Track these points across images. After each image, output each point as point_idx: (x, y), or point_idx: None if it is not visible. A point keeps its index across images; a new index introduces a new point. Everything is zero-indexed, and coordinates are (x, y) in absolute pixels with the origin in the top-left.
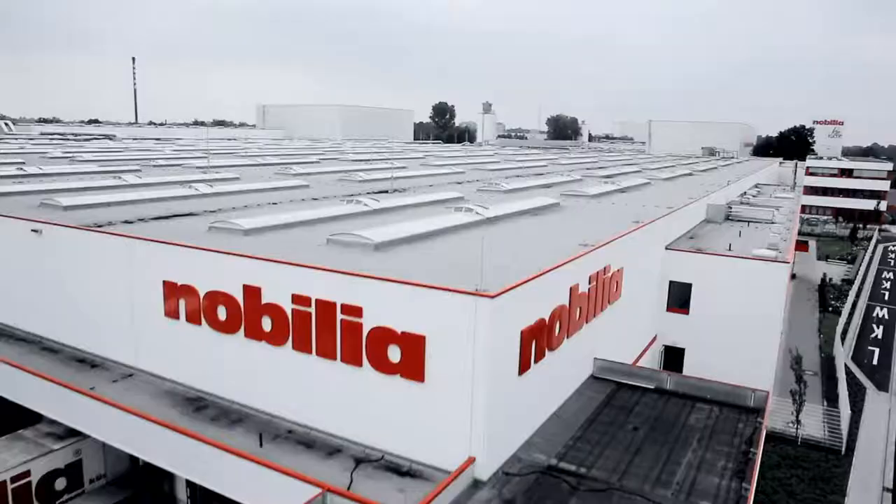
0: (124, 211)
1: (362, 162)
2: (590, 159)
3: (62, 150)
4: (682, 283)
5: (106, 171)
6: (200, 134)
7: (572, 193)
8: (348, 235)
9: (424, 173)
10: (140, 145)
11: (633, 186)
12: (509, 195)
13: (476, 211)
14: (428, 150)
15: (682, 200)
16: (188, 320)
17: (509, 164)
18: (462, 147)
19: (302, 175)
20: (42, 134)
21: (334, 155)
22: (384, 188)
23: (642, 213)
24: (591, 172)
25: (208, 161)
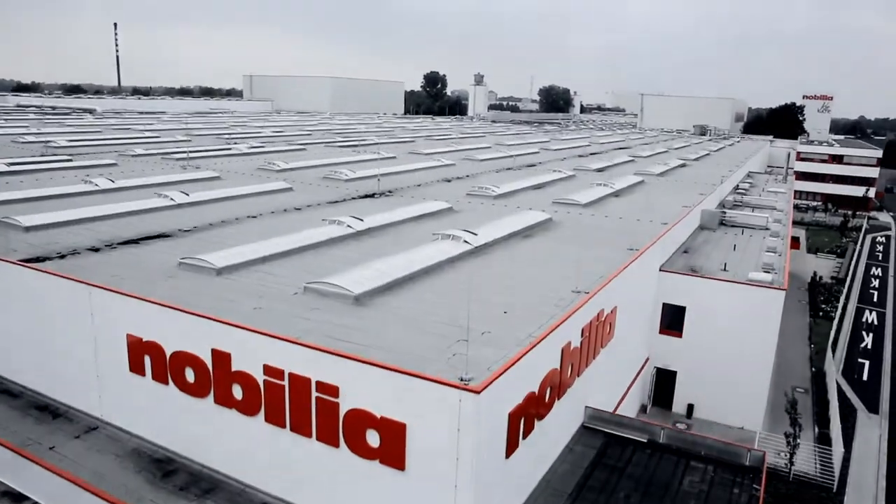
0: (92, 231)
1: (350, 148)
2: (581, 142)
3: (38, 128)
4: (676, 306)
5: (78, 168)
6: (186, 106)
7: (564, 201)
8: (326, 285)
9: (413, 168)
10: (121, 122)
11: (626, 188)
12: (500, 201)
13: (464, 239)
14: (418, 130)
15: (676, 210)
16: (154, 378)
17: (500, 153)
18: (453, 125)
19: (285, 171)
20: (18, 106)
21: (322, 135)
22: (370, 190)
23: (637, 231)
24: (583, 164)
25: (188, 158)
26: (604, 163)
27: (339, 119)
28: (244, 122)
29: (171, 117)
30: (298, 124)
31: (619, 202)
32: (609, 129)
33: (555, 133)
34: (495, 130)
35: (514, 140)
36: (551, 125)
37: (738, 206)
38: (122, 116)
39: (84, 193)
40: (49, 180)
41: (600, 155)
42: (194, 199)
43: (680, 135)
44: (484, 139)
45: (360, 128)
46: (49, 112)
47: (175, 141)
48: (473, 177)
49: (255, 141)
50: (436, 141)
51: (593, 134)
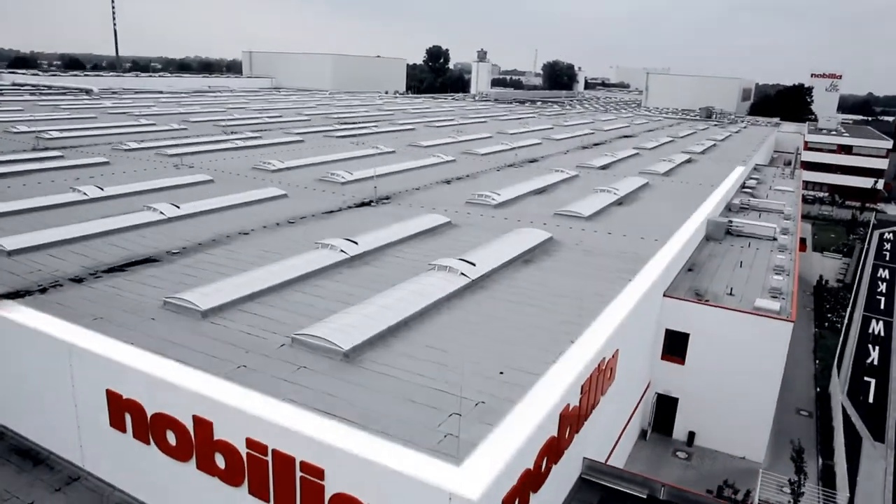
0: (77, 254)
1: (349, 139)
2: (585, 130)
3: (32, 112)
4: (679, 333)
5: (69, 167)
6: (184, 84)
7: (566, 213)
8: (314, 338)
9: (412, 166)
10: (118, 104)
11: (631, 193)
12: (500, 211)
13: (461, 271)
14: (419, 114)
15: (682, 221)
16: (136, 437)
17: (501, 146)
18: (455, 107)
19: (281, 172)
20: (14, 85)
21: (321, 120)
22: (367, 196)
23: (641, 253)
24: (587, 160)
25: (181, 156)
26: (608, 158)
27: (340, 99)
28: (243, 104)
29: (168, 97)
30: (297, 107)
31: (624, 212)
32: (613, 108)
33: (558, 117)
34: (497, 114)
35: (516, 128)
36: (555, 104)
37: (746, 208)
38: (119, 97)
39: (72, 204)
40: (37, 185)
41: (605, 146)
42: (185, 210)
43: (685, 116)
44: (486, 125)
45: (361, 111)
46: (45, 91)
47: (171, 130)
48: (474, 177)
49: (252, 129)
50: (436, 128)
51: (597, 119)
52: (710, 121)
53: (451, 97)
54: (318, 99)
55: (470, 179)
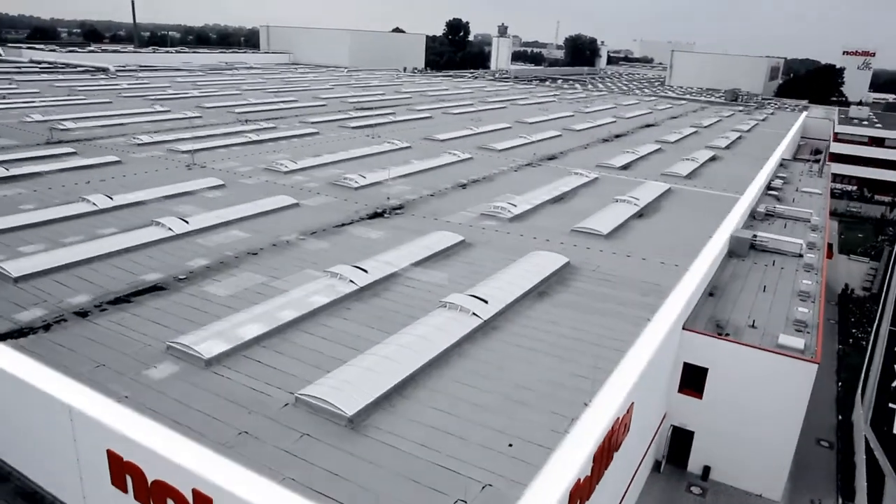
0: (83, 280)
1: (364, 130)
2: (608, 116)
3: (48, 94)
4: (698, 367)
5: (80, 168)
6: (201, 60)
7: (584, 230)
8: (319, 400)
9: (427, 166)
10: (133, 85)
11: (652, 203)
12: (516, 227)
13: (473, 311)
14: (436, 98)
15: (705, 238)
16: (136, 499)
17: (520, 140)
18: (474, 89)
19: (293, 173)
20: (32, 62)
21: (337, 104)
22: (380, 204)
23: (662, 281)
24: (607, 159)
25: (192, 153)
26: (629, 156)
27: (357, 79)
28: (259, 84)
29: (185, 76)
30: (314, 89)
31: (644, 227)
32: (636, 87)
33: (579, 102)
34: (517, 97)
35: (535, 116)
36: (577, 83)
37: (771, 214)
38: (135, 77)
39: (81, 216)
40: (48, 191)
41: (626, 138)
42: (193, 225)
43: (710, 98)
44: (505, 112)
45: (377, 94)
46: (62, 69)
47: (184, 118)
48: (490, 179)
49: (266, 117)
50: (454, 116)
51: (619, 104)
52: (735, 105)
53: (471, 74)
54: (335, 79)
55: (486, 183)
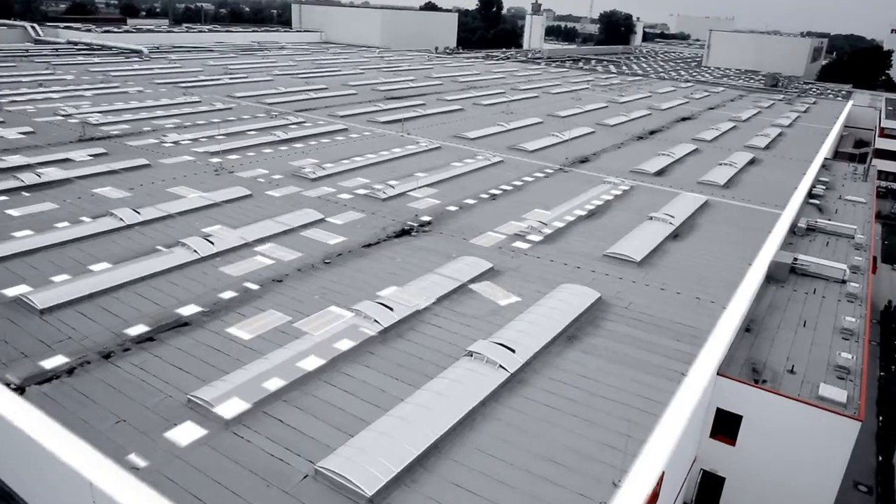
0: (108, 312)
1: (394, 125)
2: (642, 108)
3: (83, 84)
4: (732, 414)
5: (109, 173)
6: (234, 39)
7: (616, 256)
8: (340, 476)
9: (456, 172)
10: (166, 69)
11: (688, 221)
12: (547, 250)
13: (500, 364)
14: (468, 85)
15: (744, 275)
16: None
17: (552, 139)
18: (506, 73)
19: (321, 181)
20: (69, 43)
21: (368, 93)
22: (408, 219)
23: (698, 321)
24: (642, 164)
25: (220, 166)
26: (663, 160)
27: (388, 62)
28: (289, 68)
29: (217, 58)
30: (344, 73)
31: (679, 251)
32: (672, 68)
33: (613, 91)
34: (550, 84)
35: (568, 108)
36: (610, 63)
37: (812, 229)
38: (168, 60)
39: (108, 232)
40: (77, 200)
41: (662, 135)
42: (219, 246)
43: (749, 82)
44: (537, 102)
45: (407, 81)
46: (97, 51)
47: (214, 111)
48: (521, 189)
49: (295, 110)
50: (485, 107)
51: (654, 91)
52: (775, 91)
53: (504, 54)
54: (366, 61)
55: (517, 193)
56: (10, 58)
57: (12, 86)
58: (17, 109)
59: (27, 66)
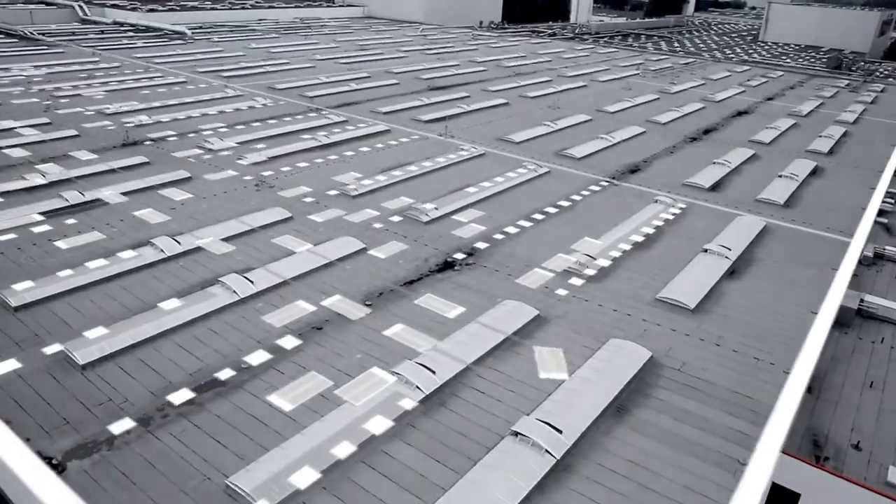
0: (149, 366)
1: (438, 123)
2: (696, 101)
3: (125, 79)
4: (789, 490)
5: (152, 188)
6: (276, 16)
7: (670, 301)
8: None
9: (502, 187)
10: (208, 54)
11: (746, 253)
12: (595, 293)
13: (546, 448)
14: (515, 73)
15: (809, 328)
16: None
17: (603, 140)
18: (552, 58)
19: (362, 197)
20: (115, 24)
21: (410, 83)
22: (452, 248)
23: (759, 393)
24: (696, 170)
25: (262, 181)
26: (719, 169)
27: (432, 41)
28: (332, 51)
29: (260, 39)
30: (386, 58)
31: (736, 294)
32: (727, 43)
33: (665, 74)
34: (597, 70)
35: (618, 101)
36: (661, 39)
37: (880, 256)
38: (210, 42)
39: (146, 267)
40: (119, 223)
41: (717, 135)
42: (259, 285)
43: (811, 62)
44: (585, 93)
45: (450, 68)
46: (143, 33)
47: (257, 109)
48: (569, 209)
49: (337, 104)
50: (532, 101)
51: (708, 78)
52: (838, 75)
53: (549, 30)
54: (408, 41)
55: (565, 215)
56: (58, 42)
57: (62, 77)
58: (65, 108)
59: (74, 53)
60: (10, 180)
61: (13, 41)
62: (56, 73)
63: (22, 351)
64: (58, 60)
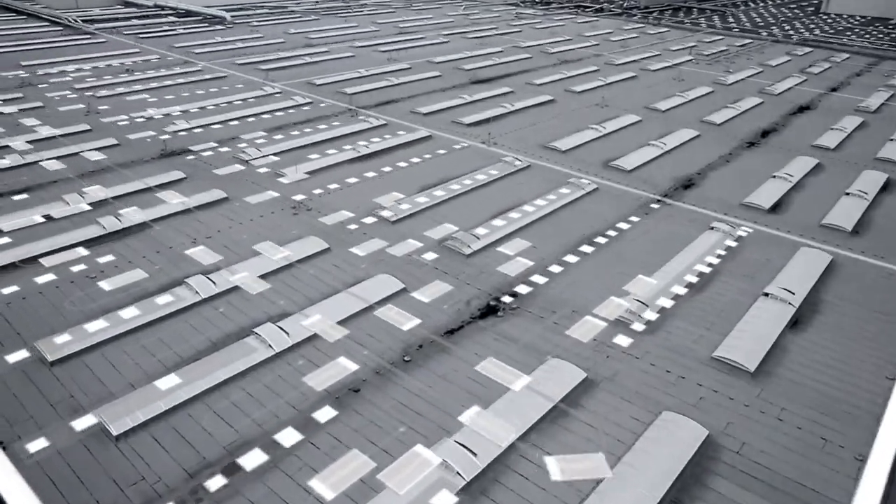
0: (183, 439)
1: (480, 127)
2: (753, 95)
3: (164, 74)
4: None
5: (187, 212)
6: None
7: (730, 362)
8: None
9: (548, 209)
10: (247, 43)
11: (809, 301)
12: (648, 344)
13: None
14: (560, 61)
15: (888, 401)
16: None
17: (654, 148)
18: (599, 41)
19: (400, 222)
20: (156, 7)
21: (451, 79)
22: (494, 288)
23: (829, 488)
24: (753, 185)
25: (300, 205)
26: (780, 185)
27: (472, 24)
28: (373, 35)
29: (299, 22)
30: (427, 44)
31: (800, 350)
32: (784, 16)
33: (720, 60)
34: (647, 56)
35: (670, 97)
36: (714, 13)
37: None
38: (249, 28)
39: (180, 312)
40: (155, 255)
41: (777, 138)
42: (293, 337)
43: (877, 41)
44: (633, 86)
45: (493, 55)
46: (182, 17)
47: (295, 109)
48: (620, 240)
49: (376, 103)
50: (578, 99)
51: (767, 64)
52: None
53: (596, 4)
54: (450, 22)
55: (616, 244)
56: (100, 31)
57: (103, 73)
58: (105, 113)
59: (116, 44)
60: (49, 201)
61: (57, 31)
62: (97, 68)
63: (58, 418)
64: (100, 53)
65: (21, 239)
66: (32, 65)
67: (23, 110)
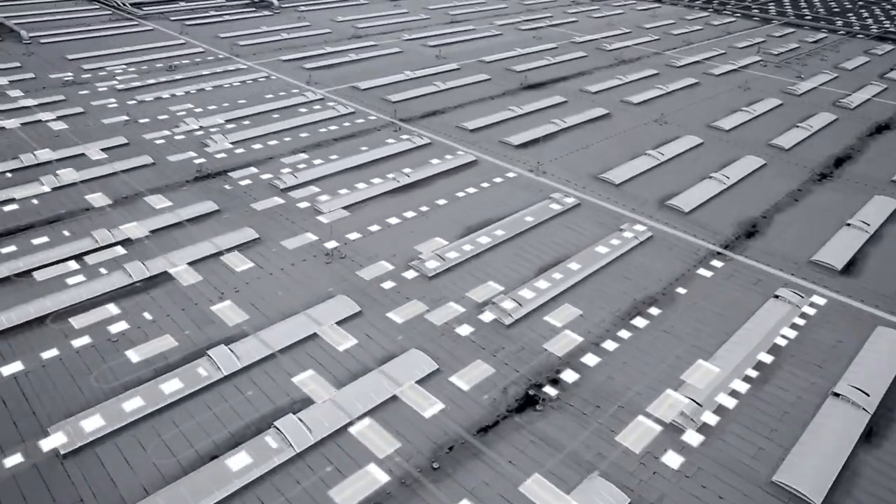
0: None
1: (529, 149)
2: (827, 109)
3: (204, 75)
4: None
5: (216, 255)
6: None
7: (787, 487)
8: None
9: (598, 264)
10: (292, 37)
11: (885, 403)
12: (705, 447)
13: None
14: (617, 60)
15: None
16: None
17: (716, 181)
18: (659, 36)
19: (438, 277)
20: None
21: (500, 83)
22: (534, 372)
23: None
24: (827, 233)
25: (338, 252)
26: (856, 235)
27: (527, 11)
28: (421, 28)
29: (346, 7)
30: (477, 38)
31: (871, 471)
32: (854, 12)
33: (790, 63)
34: (710, 57)
35: (735, 112)
36: (780, 12)
37: None
38: (297, 14)
39: (206, 390)
40: (180, 315)
41: (851, 168)
42: (316, 434)
43: None
44: (695, 96)
45: (547, 55)
46: (227, 6)
47: (337, 123)
48: (674, 308)
49: (420, 116)
50: (635, 113)
51: (842, 67)
52: None
53: None
54: (503, 10)
55: (670, 314)
56: (149, 16)
57: (147, 72)
58: (144, 125)
59: (161, 35)
60: (81, 235)
61: (106, 16)
62: (140, 66)
63: None
64: (144, 45)
65: (51, 287)
66: (77, 59)
67: (61, 117)
